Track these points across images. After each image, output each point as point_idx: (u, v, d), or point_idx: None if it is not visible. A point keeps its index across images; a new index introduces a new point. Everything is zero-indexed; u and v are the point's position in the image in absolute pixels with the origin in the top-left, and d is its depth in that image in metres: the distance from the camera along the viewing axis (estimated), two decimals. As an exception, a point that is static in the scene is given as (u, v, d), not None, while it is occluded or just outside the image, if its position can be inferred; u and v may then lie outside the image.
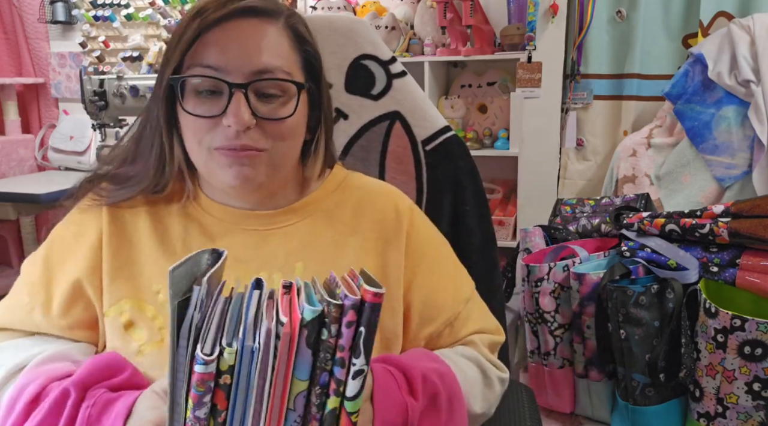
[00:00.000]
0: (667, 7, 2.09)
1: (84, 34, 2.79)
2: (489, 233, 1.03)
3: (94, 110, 2.20)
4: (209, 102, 0.66)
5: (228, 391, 0.49)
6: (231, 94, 0.65)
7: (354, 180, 0.83)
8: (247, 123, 0.65)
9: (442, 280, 0.79)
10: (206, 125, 0.67)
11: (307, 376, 0.50)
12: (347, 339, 0.49)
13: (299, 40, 0.72)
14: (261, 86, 0.67)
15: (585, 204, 1.76)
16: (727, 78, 1.83)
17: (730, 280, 1.32)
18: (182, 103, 0.67)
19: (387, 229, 0.77)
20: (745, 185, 1.81)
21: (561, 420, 1.60)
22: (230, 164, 0.67)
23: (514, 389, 0.97)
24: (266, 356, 0.48)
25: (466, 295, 0.81)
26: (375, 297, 0.49)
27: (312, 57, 0.73)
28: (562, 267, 1.51)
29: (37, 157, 2.83)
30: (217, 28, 0.66)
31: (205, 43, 0.66)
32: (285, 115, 0.68)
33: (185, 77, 0.66)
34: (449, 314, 0.78)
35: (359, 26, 1.00)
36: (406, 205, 0.81)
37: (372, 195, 0.81)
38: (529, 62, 2.13)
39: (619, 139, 2.17)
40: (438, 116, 1.02)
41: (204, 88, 0.66)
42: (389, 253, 0.76)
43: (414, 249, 0.78)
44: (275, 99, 0.68)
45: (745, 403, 1.27)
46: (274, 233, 0.74)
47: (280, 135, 0.68)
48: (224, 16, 0.66)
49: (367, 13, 2.36)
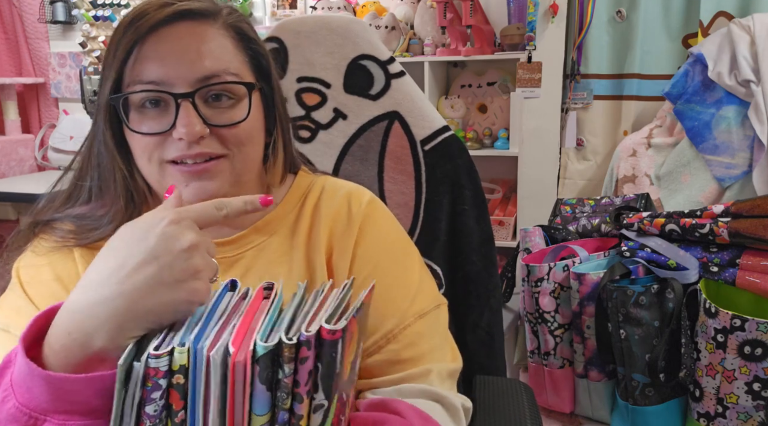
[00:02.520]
0: (667, 7, 2.09)
1: (84, 34, 2.79)
2: (487, 233, 1.03)
3: (94, 110, 2.21)
4: (156, 116, 0.62)
5: (183, 392, 0.46)
6: (178, 106, 0.61)
7: (319, 184, 0.77)
8: (199, 133, 0.61)
9: (391, 288, 0.69)
10: (154, 141, 0.62)
11: (264, 411, 0.47)
12: (303, 375, 0.46)
13: (243, 38, 0.67)
14: (208, 92, 0.62)
15: (585, 204, 1.76)
16: (727, 78, 1.83)
17: (730, 280, 1.32)
18: (127, 122, 0.63)
19: (336, 233, 0.71)
20: (745, 185, 1.81)
21: (561, 420, 1.60)
22: (187, 180, 0.62)
23: (514, 389, 0.97)
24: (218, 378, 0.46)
25: (421, 309, 0.69)
26: (331, 334, 0.45)
27: (260, 55, 0.69)
28: (562, 267, 1.51)
29: (37, 157, 2.83)
30: (153, 37, 0.61)
31: (142, 57, 0.61)
32: (239, 120, 0.64)
33: (125, 95, 0.62)
34: (392, 325, 0.66)
35: (357, 26, 1.00)
36: (362, 206, 0.73)
37: (330, 195, 0.75)
38: (529, 62, 2.13)
39: (619, 139, 2.17)
40: (437, 116, 1.02)
41: (146, 102, 0.62)
42: (335, 257, 0.70)
43: (362, 253, 0.70)
44: (225, 103, 0.64)
45: (745, 403, 1.27)
46: (243, 256, 0.70)
47: (238, 140, 0.64)
48: (158, 23, 0.61)
49: (367, 13, 2.36)
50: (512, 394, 0.96)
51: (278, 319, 0.50)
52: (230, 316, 0.50)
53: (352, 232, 0.71)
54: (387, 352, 0.66)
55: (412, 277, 0.72)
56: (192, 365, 0.45)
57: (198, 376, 0.46)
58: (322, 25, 0.99)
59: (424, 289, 0.73)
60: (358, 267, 0.70)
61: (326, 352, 0.46)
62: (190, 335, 0.46)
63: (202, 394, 0.46)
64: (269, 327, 0.48)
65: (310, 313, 0.49)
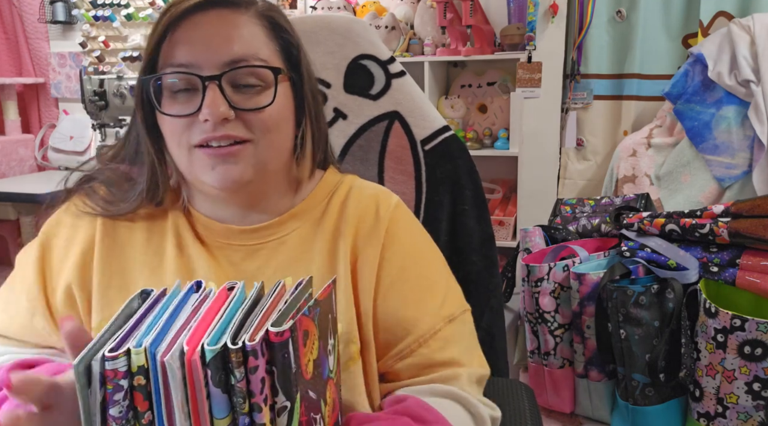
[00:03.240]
0: (667, 7, 2.09)
1: (84, 34, 2.79)
2: (488, 233, 1.03)
3: (94, 110, 2.21)
4: (185, 100, 0.64)
5: (146, 393, 0.46)
6: (204, 88, 0.62)
7: (347, 183, 0.77)
8: (224, 114, 0.62)
9: (420, 292, 0.70)
10: (183, 124, 0.64)
11: (224, 415, 0.47)
12: (256, 383, 0.46)
13: (275, 27, 0.68)
14: (236, 76, 0.64)
15: (585, 204, 1.76)
16: (727, 78, 1.83)
17: (730, 280, 1.32)
18: (158, 105, 0.65)
19: (362, 234, 0.71)
20: (745, 185, 1.81)
21: (561, 420, 1.60)
22: (213, 165, 0.64)
23: (514, 389, 0.97)
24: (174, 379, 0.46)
25: (450, 314, 0.71)
26: (279, 336, 0.45)
27: (291, 45, 0.70)
28: (562, 267, 1.51)
29: (37, 157, 2.83)
30: (186, 23, 0.64)
31: (174, 42, 0.64)
32: (264, 104, 0.64)
33: (156, 76, 0.64)
34: (424, 330, 0.68)
35: (357, 26, 1.00)
36: (389, 209, 0.74)
37: (357, 196, 0.75)
38: (529, 62, 2.13)
39: (619, 139, 2.17)
40: (437, 116, 1.02)
41: (178, 88, 0.64)
42: (361, 261, 0.70)
43: (390, 257, 0.71)
44: (253, 89, 0.65)
45: (745, 403, 1.27)
46: (264, 247, 0.70)
47: (263, 126, 0.65)
48: (191, 8, 0.64)
49: (367, 13, 2.36)
50: (512, 394, 0.96)
51: (230, 322, 0.49)
52: (190, 317, 0.50)
53: (379, 234, 0.71)
54: (418, 355, 0.68)
55: (440, 282, 0.74)
56: (151, 366, 0.45)
57: (158, 377, 0.46)
58: (323, 25, 0.99)
59: (451, 294, 0.74)
60: (385, 271, 0.70)
61: (278, 354, 0.46)
62: (148, 336, 0.46)
63: (163, 396, 0.46)
64: (221, 329, 0.48)
65: (259, 315, 0.49)
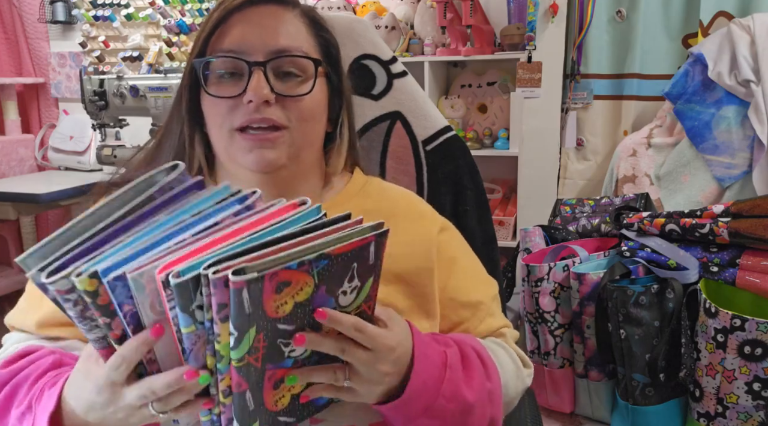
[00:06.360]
0: (667, 7, 2.09)
1: (84, 34, 2.79)
2: (489, 233, 1.03)
3: (94, 110, 2.20)
4: (231, 85, 0.69)
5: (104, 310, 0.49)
6: (250, 73, 0.68)
7: (374, 185, 0.83)
8: (266, 96, 0.67)
9: (474, 277, 0.83)
10: (227, 106, 0.69)
11: (189, 326, 0.49)
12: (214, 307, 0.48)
13: (316, 26, 0.76)
14: (280, 65, 0.70)
15: (585, 204, 1.76)
16: (727, 78, 1.83)
17: (730, 280, 1.32)
18: (205, 86, 0.70)
19: (418, 240, 0.77)
20: (745, 185, 1.81)
21: (561, 420, 1.60)
22: (251, 148, 0.69)
23: (514, 389, 0.97)
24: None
25: (493, 293, 0.84)
26: (236, 284, 0.46)
27: (329, 44, 0.77)
28: (562, 267, 1.51)
29: (37, 157, 2.83)
30: (237, 15, 0.70)
31: (226, 30, 0.70)
32: (304, 92, 0.70)
33: (206, 60, 0.70)
34: (476, 300, 0.80)
35: (359, 26, 1.00)
36: (428, 206, 0.83)
37: (389, 189, 0.83)
38: (529, 62, 2.13)
39: (619, 139, 2.17)
40: (438, 116, 1.02)
41: (225, 71, 0.70)
42: (421, 260, 0.76)
43: (444, 250, 0.79)
44: (294, 78, 0.71)
45: (745, 403, 1.27)
46: None
47: (300, 114, 0.70)
48: (243, 3, 0.70)
49: (367, 13, 2.36)
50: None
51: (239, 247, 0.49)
52: (214, 231, 0.52)
53: (432, 237, 0.78)
54: (478, 324, 0.79)
55: (478, 263, 0.85)
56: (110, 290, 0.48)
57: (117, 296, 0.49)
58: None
59: (487, 275, 0.86)
60: (444, 263, 0.78)
61: (234, 296, 0.46)
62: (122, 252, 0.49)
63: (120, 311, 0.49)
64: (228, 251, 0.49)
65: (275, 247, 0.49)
